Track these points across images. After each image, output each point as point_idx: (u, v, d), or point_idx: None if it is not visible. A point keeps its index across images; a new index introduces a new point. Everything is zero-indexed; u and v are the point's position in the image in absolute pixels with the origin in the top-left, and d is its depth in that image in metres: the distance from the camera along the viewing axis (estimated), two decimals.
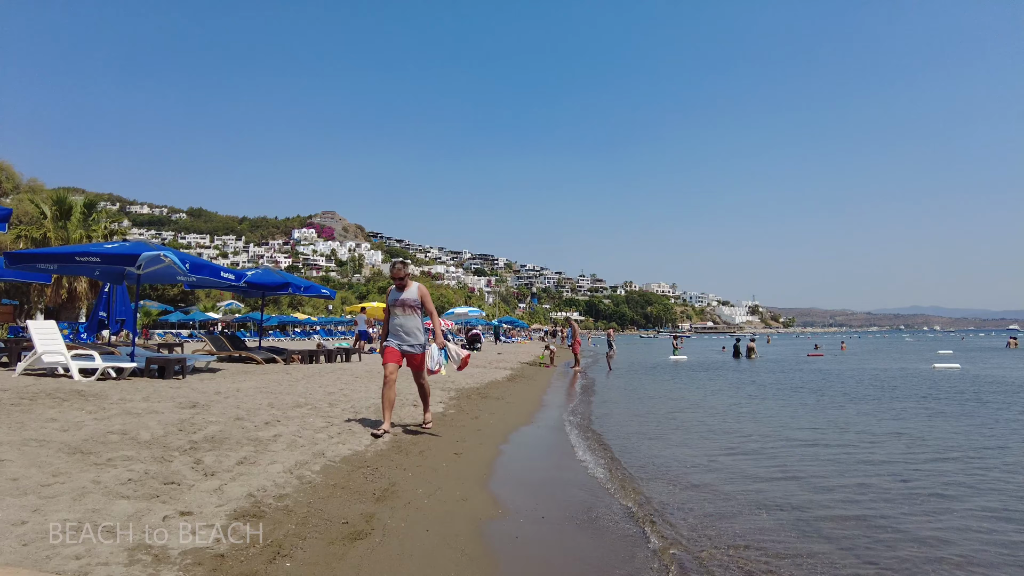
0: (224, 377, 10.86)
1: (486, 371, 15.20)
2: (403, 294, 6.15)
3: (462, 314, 29.24)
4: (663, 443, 6.90)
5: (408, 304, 6.14)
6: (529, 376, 15.25)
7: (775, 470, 5.62)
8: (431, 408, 6.96)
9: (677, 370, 19.94)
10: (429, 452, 5.55)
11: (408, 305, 6.14)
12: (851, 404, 10.69)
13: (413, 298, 6.15)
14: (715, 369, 20.47)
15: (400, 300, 6.13)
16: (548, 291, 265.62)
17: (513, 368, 16.94)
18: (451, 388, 10.70)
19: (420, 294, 6.20)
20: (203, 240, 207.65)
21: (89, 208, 25.10)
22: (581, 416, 9.01)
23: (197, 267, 10.69)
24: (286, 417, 6.61)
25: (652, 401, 11.22)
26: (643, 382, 15.47)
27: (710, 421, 8.56)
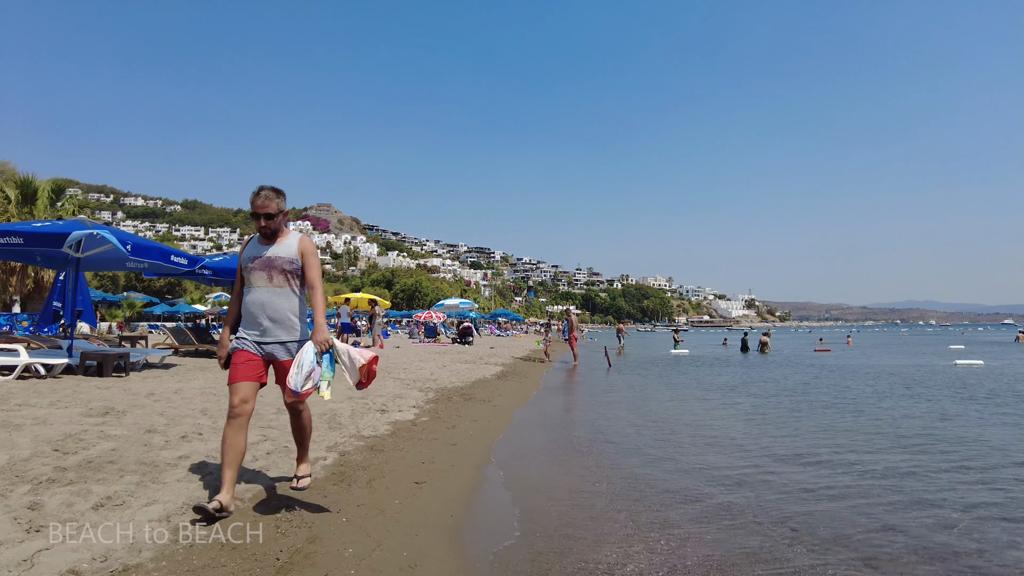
0: (174, 375, 9.55)
1: (474, 367, 13.93)
2: (271, 249, 3.41)
3: (452, 306, 27.86)
4: (687, 476, 5.64)
5: (278, 267, 3.38)
6: (522, 373, 13.98)
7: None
8: (309, 461, 3.76)
9: (681, 366, 18.70)
10: (381, 481, 4.25)
11: (278, 269, 3.38)
12: (906, 406, 9.43)
13: (288, 257, 3.39)
14: (723, 365, 19.23)
15: (265, 260, 3.38)
16: (545, 284, 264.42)
17: (505, 364, 15.66)
18: (430, 388, 9.41)
19: (301, 250, 3.43)
20: (197, 232, 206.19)
21: (57, 193, 23.62)
22: (581, 427, 7.73)
23: (142, 249, 9.35)
24: (214, 428, 5.32)
25: (659, 406, 9.94)
26: (647, 380, 14.19)
27: (753, 440, 7.28)
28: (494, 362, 15.84)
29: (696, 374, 15.74)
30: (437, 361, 14.90)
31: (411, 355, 16.94)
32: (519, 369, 14.85)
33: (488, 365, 14.73)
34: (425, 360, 15.08)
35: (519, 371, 14.30)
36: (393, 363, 13.61)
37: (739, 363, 20.19)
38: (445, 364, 14.11)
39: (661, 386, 12.71)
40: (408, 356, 16.40)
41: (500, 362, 16.03)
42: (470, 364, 14.70)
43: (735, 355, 25.00)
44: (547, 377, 14.05)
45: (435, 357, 16.33)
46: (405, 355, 16.82)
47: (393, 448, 5.23)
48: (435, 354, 17.76)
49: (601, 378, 14.39)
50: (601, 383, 13.11)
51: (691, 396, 10.77)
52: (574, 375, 14.95)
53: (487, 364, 15.03)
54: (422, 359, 15.40)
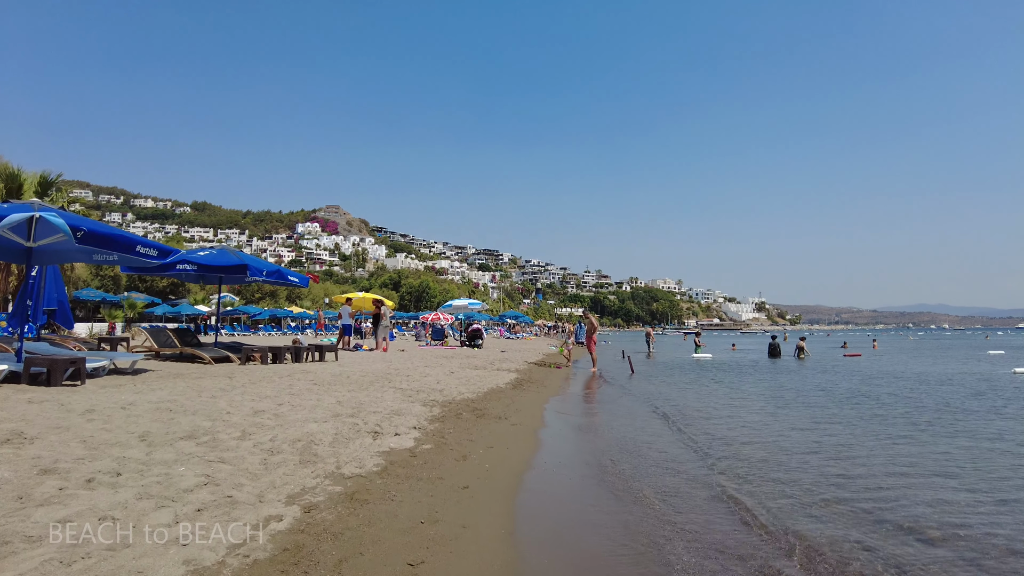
0: (138, 384, 8.17)
1: (486, 374, 12.49)
2: None
3: (461, 307, 26.35)
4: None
5: None
6: (539, 381, 12.51)
7: None
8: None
9: (709, 372, 17.19)
10: (356, 564, 2.82)
11: None
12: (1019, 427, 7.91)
13: None
14: (755, 371, 17.69)
15: None
16: (553, 287, 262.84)
17: (519, 370, 14.22)
18: (436, 401, 7.97)
19: None
20: (206, 234, 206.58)
21: (45, 186, 22.41)
22: (629, 459, 6.27)
23: (98, 238, 7.96)
24: (142, 465, 3.92)
25: (718, 425, 8.46)
26: (681, 390, 12.71)
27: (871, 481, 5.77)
28: (507, 368, 14.40)
29: (731, 382, 14.23)
30: (444, 367, 13.47)
31: (416, 359, 15.52)
32: (535, 376, 13.39)
33: (500, 372, 13.29)
34: (431, 365, 13.66)
35: (535, 379, 12.84)
36: (395, 369, 12.20)
37: (772, 369, 18.62)
38: (453, 370, 12.67)
39: (701, 397, 11.22)
40: (412, 361, 14.99)
41: (513, 368, 14.59)
42: (480, 370, 13.26)
43: (762, 360, 23.42)
44: (568, 386, 12.59)
45: (442, 362, 14.90)
46: (409, 359, 15.40)
47: (382, 496, 3.79)
48: (442, 358, 16.33)
49: (628, 387, 12.92)
50: (631, 395, 11.62)
51: (745, 409, 9.27)
52: (597, 383, 13.49)
53: (499, 371, 13.59)
54: (428, 364, 13.98)
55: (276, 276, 13.12)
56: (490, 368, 14.04)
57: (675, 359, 24.19)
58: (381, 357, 15.87)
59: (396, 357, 16.19)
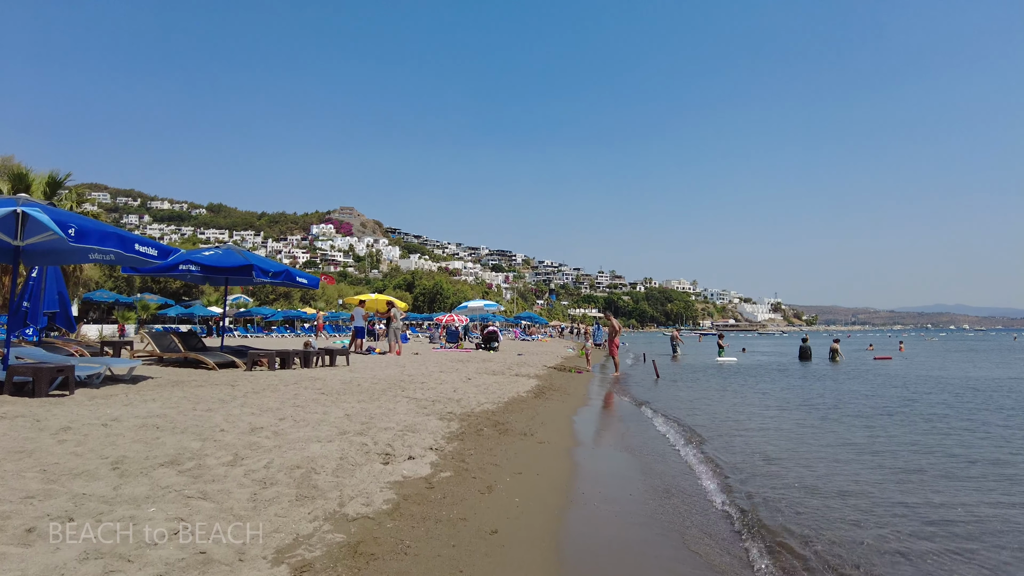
0: (132, 394, 7.53)
1: (504, 380, 11.76)
2: None
3: (477, 308, 25.61)
4: None
5: None
6: (561, 388, 11.76)
7: None
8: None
9: (737, 376, 16.32)
10: None
11: None
12: None
13: None
14: (787, 376, 16.79)
15: None
16: (566, 287, 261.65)
17: (538, 375, 13.47)
18: (453, 413, 7.24)
19: None
20: (222, 235, 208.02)
21: (53, 186, 22.01)
22: (662, 480, 5.51)
23: (89, 234, 7.32)
24: (102, 505, 3.23)
25: (766, 441, 7.67)
26: (714, 399, 11.91)
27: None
28: (526, 373, 13.66)
29: (764, 388, 13.38)
30: (460, 372, 12.76)
31: (430, 363, 14.84)
32: (556, 382, 12.62)
33: (519, 378, 12.55)
34: (446, 370, 12.96)
35: (557, 385, 12.08)
36: (409, 375, 11.51)
37: (805, 374, 17.70)
38: (469, 376, 11.95)
39: (737, 408, 10.41)
40: (427, 365, 14.30)
41: (532, 373, 13.85)
42: (498, 376, 12.53)
43: (791, 363, 22.46)
44: (592, 394, 11.82)
45: (458, 367, 14.20)
46: (424, 364, 14.72)
47: (393, 548, 3.07)
48: (458, 362, 15.63)
49: (656, 395, 12.13)
50: (662, 404, 10.82)
51: (789, 422, 8.46)
52: (622, 390, 12.70)
53: (518, 376, 12.86)
54: (443, 369, 13.28)
55: (284, 277, 12.49)
56: (508, 373, 13.31)
57: (698, 362, 23.30)
58: (394, 361, 15.20)
59: (410, 361, 15.51)
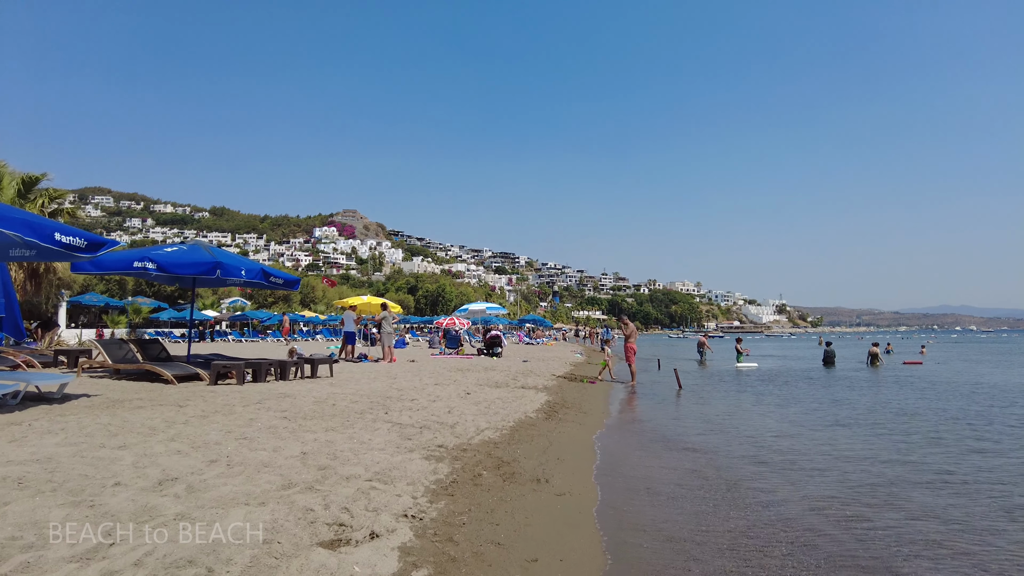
0: (39, 419, 5.99)
1: (509, 394, 10.19)
2: None
3: (479, 311, 23.97)
4: None
5: None
6: (575, 404, 10.17)
7: None
8: None
9: (765, 386, 14.73)
10: None
11: None
12: None
13: None
14: (822, 386, 15.19)
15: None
16: (570, 290, 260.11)
17: (547, 387, 11.90)
18: (445, 448, 5.66)
19: None
20: (224, 238, 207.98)
21: (28, 185, 20.57)
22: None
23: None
24: None
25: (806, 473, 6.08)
26: (752, 414, 10.34)
27: None
28: (532, 384, 12.09)
29: (806, 400, 11.78)
30: (459, 384, 11.20)
31: (426, 373, 13.29)
32: (568, 396, 11.03)
33: (526, 390, 10.97)
34: (442, 382, 11.40)
35: (570, 400, 10.49)
36: (399, 389, 9.95)
37: (838, 382, 16.07)
38: (469, 390, 10.39)
39: (783, 425, 8.82)
40: (421, 375, 12.75)
41: (540, 384, 12.27)
42: (502, 388, 10.97)
43: (814, 370, 20.83)
44: (612, 411, 10.24)
45: (456, 377, 12.64)
46: (418, 374, 13.16)
47: None
48: (456, 372, 14.08)
49: (686, 412, 10.55)
50: (694, 424, 9.24)
51: (853, 445, 6.88)
52: (644, 405, 11.12)
53: (524, 388, 11.29)
54: (439, 381, 11.72)
55: (257, 276, 10.94)
56: (513, 385, 11.75)
57: (718, 370, 21.71)
58: (385, 371, 13.66)
59: (403, 370, 13.97)
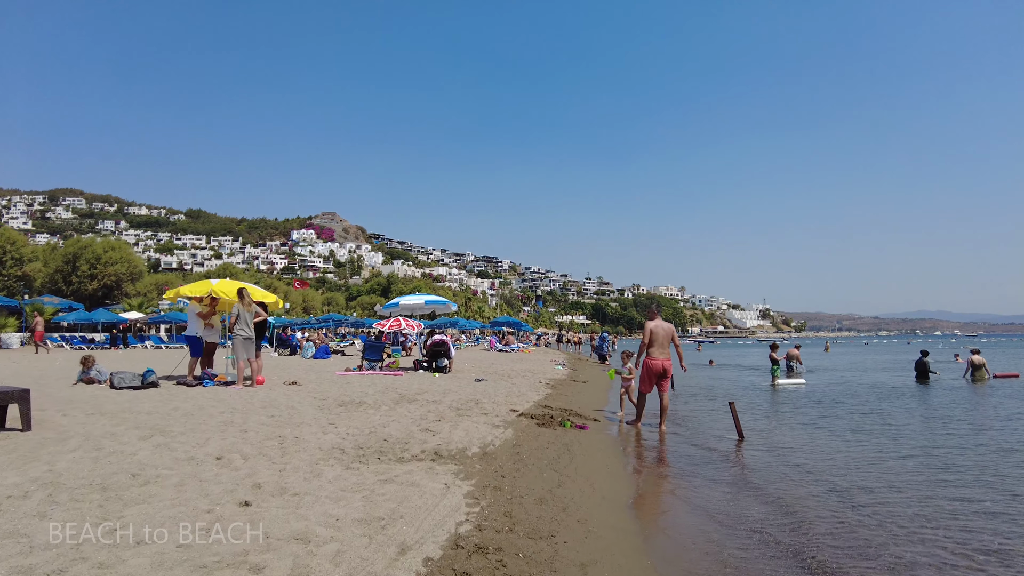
0: None
1: (383, 488, 4.09)
2: None
3: (413, 305, 17.15)
4: None
5: None
6: (531, 525, 4.06)
7: None
8: None
9: (859, 418, 8.92)
10: None
11: None
12: None
13: None
14: (941, 409, 9.37)
15: None
16: (553, 294, 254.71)
17: (485, 450, 5.79)
18: None
19: None
20: (199, 241, 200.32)
21: None
22: None
23: None
24: None
25: None
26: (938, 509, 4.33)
27: None
28: (457, 445, 5.95)
29: (966, 447, 5.85)
30: (282, 453, 5.07)
31: (282, 416, 7.15)
32: (523, 487, 4.85)
33: (434, 466, 4.84)
34: (290, 447, 5.29)
35: (520, 512, 4.38)
36: (156, 474, 3.82)
37: (955, 403, 10.21)
38: (283, 470, 4.28)
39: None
40: (274, 421, 6.60)
41: (483, 435, 6.17)
42: (382, 461, 4.87)
43: (906, 385, 15.03)
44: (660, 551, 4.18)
45: (301, 431, 6.49)
46: (273, 414, 7.01)
47: None
48: (332, 408, 7.94)
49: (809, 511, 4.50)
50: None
51: None
52: (665, 451, 5.08)
53: (434, 460, 5.16)
54: (265, 438, 5.59)
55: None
56: (434, 432, 5.67)
57: (741, 384, 15.78)
58: (221, 408, 7.50)
59: (254, 407, 7.82)
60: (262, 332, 11.23)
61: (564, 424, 7.55)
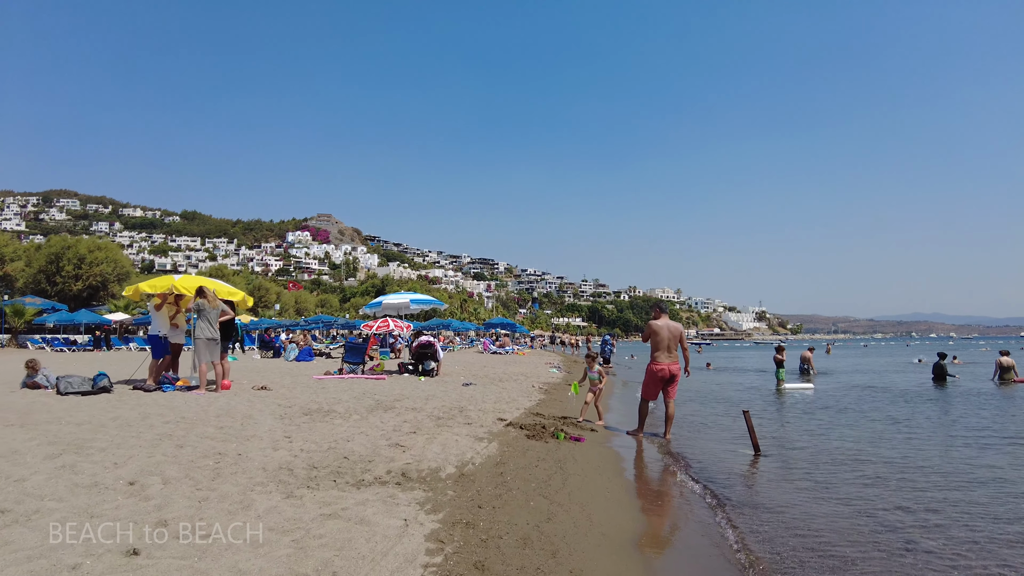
0: None
1: (326, 527, 3.22)
2: None
3: (398, 304, 16.28)
4: None
5: None
6: (559, 544, 3.21)
7: None
8: None
9: (879, 425, 8.08)
10: None
11: None
12: None
13: None
14: (973, 416, 8.53)
15: None
16: (550, 296, 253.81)
17: (463, 470, 4.95)
18: None
19: None
20: (194, 243, 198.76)
21: None
22: None
23: None
24: None
25: None
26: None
27: None
28: (430, 463, 5.09)
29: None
30: (251, 469, 4.20)
31: (234, 426, 6.26)
32: (501, 523, 4.02)
33: (397, 493, 3.99)
34: (224, 471, 4.41)
35: (522, 533, 3.54)
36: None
37: (986, 408, 9.37)
38: (271, 525, 3.40)
39: None
40: (225, 433, 5.72)
41: (463, 449, 5.30)
42: (337, 485, 4.01)
43: (923, 388, 14.19)
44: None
45: (249, 445, 5.61)
46: (225, 425, 6.12)
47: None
48: (295, 419, 7.06)
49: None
50: None
51: None
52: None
53: (399, 484, 4.31)
54: (196, 457, 4.71)
55: None
56: (405, 448, 4.81)
57: (734, 393, 14.96)
58: (167, 418, 6.61)
59: (208, 416, 6.95)
60: (229, 333, 10.33)
61: (557, 435, 6.66)
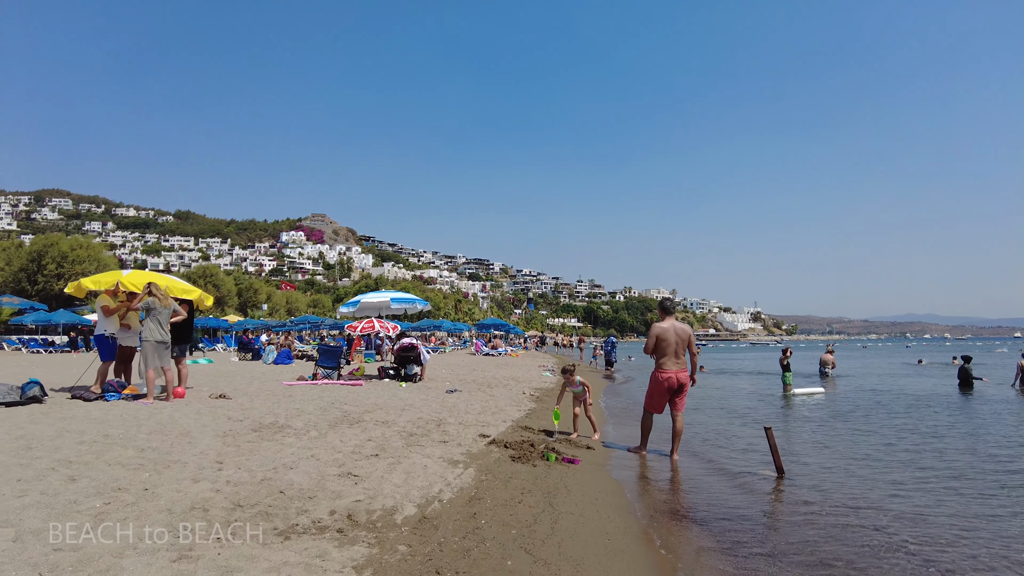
0: None
1: None
2: None
3: (378, 304, 15.21)
4: None
5: None
6: None
7: None
8: None
9: (937, 445, 7.18)
10: None
11: None
12: None
13: None
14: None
15: None
16: (545, 297, 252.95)
17: (426, 509, 3.98)
18: None
19: None
20: (187, 243, 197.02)
21: None
22: None
23: None
24: None
25: None
26: None
27: None
28: (412, 487, 4.14)
29: None
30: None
31: (179, 448, 5.28)
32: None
33: (346, 544, 3.02)
34: (151, 505, 3.41)
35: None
36: None
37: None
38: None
39: None
40: (148, 459, 4.72)
41: (429, 486, 4.34)
42: (280, 541, 3.04)
43: (949, 396, 13.28)
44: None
45: (232, 461, 4.63)
46: (147, 455, 5.13)
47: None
48: (241, 437, 6.07)
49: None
50: None
51: None
52: None
53: (349, 537, 3.35)
54: (139, 504, 3.73)
55: None
56: (360, 477, 3.82)
57: (741, 402, 14.03)
58: (84, 437, 5.61)
59: (138, 433, 5.97)
60: (185, 335, 9.30)
61: (548, 456, 5.66)
